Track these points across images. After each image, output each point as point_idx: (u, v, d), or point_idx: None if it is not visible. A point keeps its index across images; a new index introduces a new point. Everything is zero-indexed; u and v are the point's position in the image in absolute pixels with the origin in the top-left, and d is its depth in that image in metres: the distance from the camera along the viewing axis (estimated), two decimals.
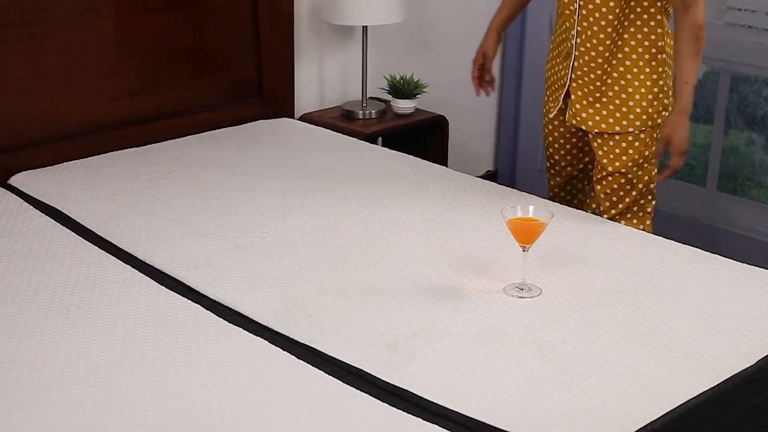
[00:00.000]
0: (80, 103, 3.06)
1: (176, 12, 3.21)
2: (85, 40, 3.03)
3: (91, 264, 2.33)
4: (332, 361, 1.94)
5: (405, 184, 2.86)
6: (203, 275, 2.29)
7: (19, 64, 2.91)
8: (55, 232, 2.50)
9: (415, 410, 1.77)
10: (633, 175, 2.77)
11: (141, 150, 3.11)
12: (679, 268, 2.34)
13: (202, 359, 1.92)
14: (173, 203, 2.69)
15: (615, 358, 1.95)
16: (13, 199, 2.71)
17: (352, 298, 2.18)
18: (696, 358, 1.95)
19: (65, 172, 2.91)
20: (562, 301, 2.18)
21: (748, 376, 1.92)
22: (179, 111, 3.29)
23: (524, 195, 2.80)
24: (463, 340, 2.00)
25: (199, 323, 2.07)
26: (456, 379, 1.87)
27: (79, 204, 2.68)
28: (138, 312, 2.11)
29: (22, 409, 1.75)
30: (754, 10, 3.48)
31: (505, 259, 2.36)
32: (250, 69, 3.44)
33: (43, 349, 1.95)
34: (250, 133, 3.31)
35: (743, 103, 3.65)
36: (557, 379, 1.86)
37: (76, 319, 2.07)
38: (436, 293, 2.21)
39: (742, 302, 2.18)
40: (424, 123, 3.67)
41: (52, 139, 3.02)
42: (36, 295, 2.17)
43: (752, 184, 3.69)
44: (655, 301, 2.18)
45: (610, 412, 1.77)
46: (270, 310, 2.13)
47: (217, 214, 2.62)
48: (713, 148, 3.73)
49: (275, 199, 2.72)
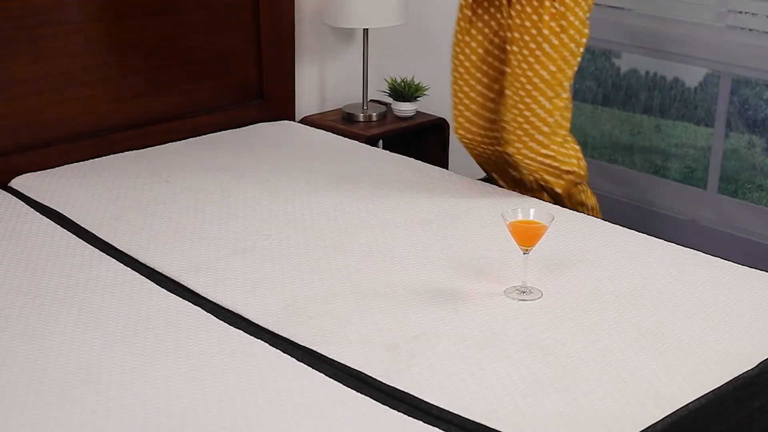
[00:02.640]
0: (81, 106, 3.07)
1: (177, 15, 3.21)
2: (86, 43, 3.03)
3: (91, 266, 2.33)
4: (333, 364, 1.94)
5: (406, 187, 2.86)
6: (204, 278, 2.29)
7: (21, 66, 2.91)
8: (56, 235, 2.50)
9: (416, 413, 1.77)
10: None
11: (142, 153, 3.11)
12: (679, 271, 2.34)
13: (203, 362, 1.92)
14: (174, 206, 2.69)
15: (616, 360, 1.94)
16: (14, 201, 2.71)
17: (353, 300, 2.18)
18: (697, 360, 1.95)
19: (66, 175, 2.91)
20: (563, 303, 2.17)
21: (749, 379, 1.92)
22: (180, 114, 3.29)
23: (525, 198, 2.80)
24: (464, 342, 2.00)
25: (199, 326, 2.07)
26: (457, 381, 1.87)
27: (80, 206, 2.68)
28: (139, 314, 2.11)
29: (22, 412, 1.75)
30: (754, 13, 3.49)
31: (506, 262, 2.36)
32: (251, 72, 3.45)
33: (44, 352, 1.95)
34: (251, 135, 3.31)
35: (744, 106, 3.65)
36: (558, 382, 1.86)
37: (77, 322, 2.07)
38: (437, 296, 2.20)
39: (743, 305, 2.18)
40: (425, 126, 3.67)
41: (53, 141, 3.02)
42: (37, 298, 2.17)
43: (753, 187, 3.68)
44: (656, 304, 2.18)
45: (611, 415, 1.77)
46: (271, 312, 2.13)
47: (217, 217, 2.62)
48: (714, 150, 3.73)
49: (276, 202, 2.72)
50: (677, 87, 3.86)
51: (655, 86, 3.91)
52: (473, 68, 2.91)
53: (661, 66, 3.87)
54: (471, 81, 2.93)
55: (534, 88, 2.75)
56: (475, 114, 2.95)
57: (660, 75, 3.89)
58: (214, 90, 3.37)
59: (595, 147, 4.13)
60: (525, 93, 2.76)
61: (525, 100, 2.77)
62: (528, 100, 2.77)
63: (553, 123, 2.81)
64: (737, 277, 2.32)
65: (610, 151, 4.09)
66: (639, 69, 3.96)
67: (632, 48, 3.89)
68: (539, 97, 2.76)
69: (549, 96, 2.76)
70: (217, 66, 3.36)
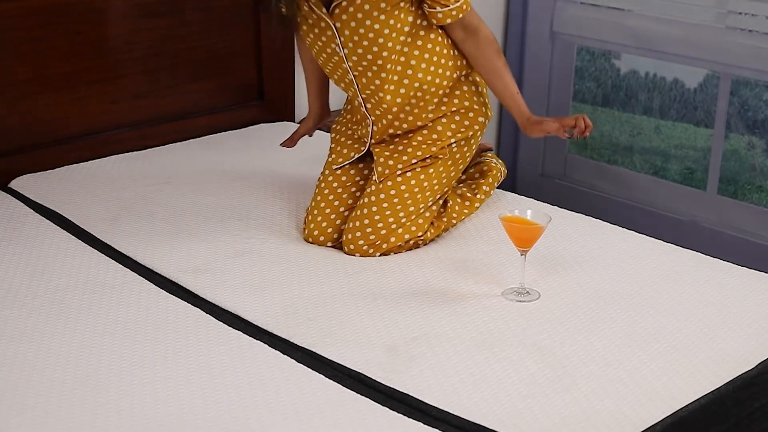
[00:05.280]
0: (81, 107, 3.07)
1: (177, 16, 3.21)
2: (86, 43, 3.03)
3: (91, 267, 2.33)
4: (332, 365, 1.94)
5: None
6: (203, 279, 2.29)
7: (21, 67, 2.91)
8: (55, 236, 2.50)
9: (415, 414, 1.77)
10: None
11: (142, 154, 3.11)
12: (679, 272, 2.34)
13: (202, 363, 1.92)
14: (174, 207, 2.69)
15: (615, 361, 1.94)
16: (13, 202, 2.71)
17: (351, 302, 2.18)
18: (696, 361, 1.95)
19: (66, 176, 2.91)
20: (561, 304, 2.17)
21: (748, 379, 1.92)
22: (180, 115, 3.29)
23: (521, 199, 2.79)
24: (462, 344, 2.00)
25: (198, 327, 2.07)
26: (456, 383, 1.87)
27: (79, 207, 2.68)
28: (138, 316, 2.11)
29: (22, 413, 1.75)
30: (754, 14, 3.48)
31: (503, 263, 2.36)
32: (251, 73, 3.44)
33: (43, 353, 1.95)
34: (251, 137, 3.31)
35: (744, 107, 3.65)
36: (557, 383, 1.86)
37: (76, 323, 2.07)
38: (435, 298, 2.21)
39: (743, 306, 2.18)
40: None
41: (53, 142, 3.02)
42: (36, 299, 2.18)
43: (753, 188, 3.68)
44: (655, 305, 2.18)
45: (610, 415, 1.77)
46: (270, 314, 2.13)
47: (217, 218, 2.62)
48: (714, 151, 3.73)
49: (276, 204, 2.72)
50: (677, 88, 3.86)
51: (655, 87, 3.91)
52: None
53: (661, 67, 3.87)
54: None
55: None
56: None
57: (660, 76, 3.89)
58: (214, 91, 3.37)
59: (595, 148, 4.13)
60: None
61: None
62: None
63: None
64: (737, 278, 2.31)
65: (610, 152, 4.09)
66: (639, 70, 3.96)
67: (632, 49, 3.89)
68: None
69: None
70: (217, 67, 3.36)
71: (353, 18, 2.36)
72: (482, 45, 2.44)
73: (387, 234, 2.43)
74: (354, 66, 2.43)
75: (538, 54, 4.10)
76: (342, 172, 2.59)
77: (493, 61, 2.45)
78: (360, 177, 2.59)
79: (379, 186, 2.47)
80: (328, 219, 2.51)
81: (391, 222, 2.43)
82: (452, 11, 2.38)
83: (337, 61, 2.46)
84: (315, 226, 2.51)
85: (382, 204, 2.45)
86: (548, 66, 4.12)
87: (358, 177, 2.59)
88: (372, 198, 2.46)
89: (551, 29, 4.07)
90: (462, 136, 2.51)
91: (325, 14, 2.39)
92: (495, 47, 2.45)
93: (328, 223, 2.50)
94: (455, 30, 2.43)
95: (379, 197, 2.46)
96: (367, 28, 2.36)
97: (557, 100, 4.15)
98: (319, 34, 2.43)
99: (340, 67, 2.47)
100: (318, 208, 2.53)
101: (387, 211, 2.44)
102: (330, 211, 2.52)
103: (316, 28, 2.42)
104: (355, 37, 2.38)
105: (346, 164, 2.59)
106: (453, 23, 2.41)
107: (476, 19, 2.43)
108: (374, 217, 2.44)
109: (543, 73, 4.13)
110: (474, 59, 2.46)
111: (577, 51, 4.11)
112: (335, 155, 2.62)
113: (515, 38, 4.14)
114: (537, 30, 4.09)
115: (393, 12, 2.35)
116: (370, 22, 2.35)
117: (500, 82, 2.46)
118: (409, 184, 2.46)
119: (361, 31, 2.37)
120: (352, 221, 2.46)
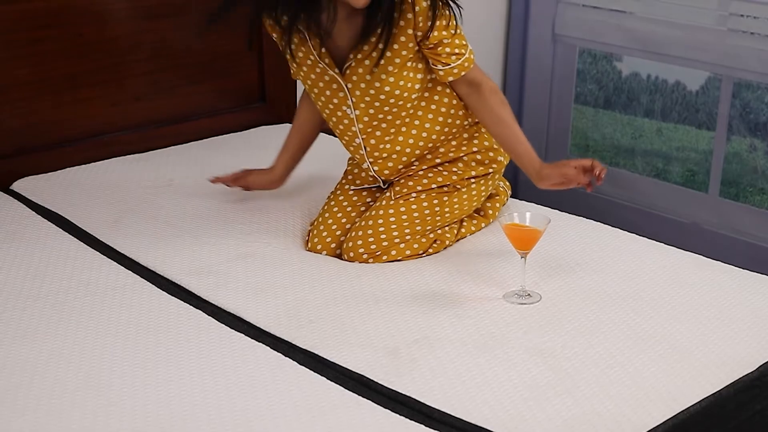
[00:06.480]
0: (83, 109, 3.07)
1: (178, 18, 3.21)
2: (87, 45, 3.03)
3: (92, 269, 2.33)
4: (334, 368, 1.94)
5: None
6: (205, 282, 2.29)
7: (22, 69, 2.92)
8: (57, 238, 2.50)
9: (417, 416, 1.77)
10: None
11: (143, 156, 3.11)
12: (680, 274, 2.34)
13: (204, 365, 1.92)
14: (176, 209, 2.69)
15: (616, 363, 1.94)
16: (15, 204, 2.71)
17: (353, 305, 2.19)
18: (697, 364, 1.95)
19: (68, 178, 2.91)
20: (562, 307, 2.17)
21: (749, 382, 1.92)
22: (182, 117, 3.29)
23: (521, 202, 2.79)
24: (464, 346, 2.00)
25: (200, 329, 2.07)
26: (458, 385, 1.87)
27: (81, 210, 2.68)
28: (140, 318, 2.11)
29: (23, 415, 1.76)
30: (756, 17, 3.48)
31: (504, 266, 2.36)
32: (253, 75, 3.45)
33: (45, 355, 1.95)
34: (253, 139, 3.32)
35: (746, 110, 3.65)
36: (558, 385, 1.86)
37: (78, 325, 2.07)
38: (436, 301, 2.21)
39: (744, 308, 2.18)
40: None
41: (54, 144, 3.02)
42: (38, 301, 2.18)
43: (754, 191, 3.68)
44: (657, 307, 2.18)
45: (612, 418, 1.77)
46: (272, 316, 2.13)
47: (219, 221, 2.62)
48: (715, 154, 3.73)
49: (277, 205, 2.72)
50: (679, 90, 3.87)
51: (657, 89, 3.92)
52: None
53: (663, 69, 3.87)
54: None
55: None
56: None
57: (661, 78, 3.90)
58: (216, 93, 3.37)
59: (597, 150, 4.13)
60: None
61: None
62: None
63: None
64: (738, 281, 2.31)
65: (612, 155, 4.09)
66: (641, 72, 3.96)
67: (634, 51, 3.89)
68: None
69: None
70: (219, 69, 3.36)
71: (363, 79, 2.37)
72: (486, 97, 2.41)
73: (388, 247, 2.43)
74: (364, 128, 2.45)
75: (540, 56, 4.10)
76: (354, 192, 2.60)
77: (497, 111, 2.41)
78: (372, 198, 2.59)
79: (391, 202, 2.47)
80: (332, 234, 2.51)
81: (395, 236, 2.43)
82: (453, 69, 2.37)
83: (347, 124, 2.47)
84: (319, 240, 2.50)
85: (390, 218, 2.45)
86: (550, 68, 4.13)
87: (369, 198, 2.59)
88: (381, 212, 2.46)
89: (553, 31, 4.07)
90: (483, 171, 2.52)
91: (338, 74, 2.39)
92: (500, 97, 2.42)
93: (332, 239, 2.51)
94: (459, 86, 2.43)
95: (388, 212, 2.46)
96: (377, 89, 2.37)
97: (559, 102, 4.15)
98: (324, 89, 2.44)
99: (346, 128, 2.48)
100: (325, 223, 2.53)
101: (393, 225, 2.44)
102: (336, 227, 2.52)
103: (321, 82, 2.43)
104: (366, 97, 2.39)
105: (361, 188, 2.60)
106: (456, 80, 2.41)
107: (479, 74, 2.42)
108: (379, 229, 2.44)
109: (545, 76, 4.14)
110: (479, 112, 2.43)
111: (579, 53, 4.11)
112: (352, 177, 2.63)
113: (517, 40, 4.15)
114: (539, 32, 4.09)
115: (402, 72, 2.36)
116: (380, 84, 2.36)
117: (508, 130, 2.41)
118: (421, 206, 2.46)
119: (371, 91, 2.38)
120: (355, 230, 2.46)
